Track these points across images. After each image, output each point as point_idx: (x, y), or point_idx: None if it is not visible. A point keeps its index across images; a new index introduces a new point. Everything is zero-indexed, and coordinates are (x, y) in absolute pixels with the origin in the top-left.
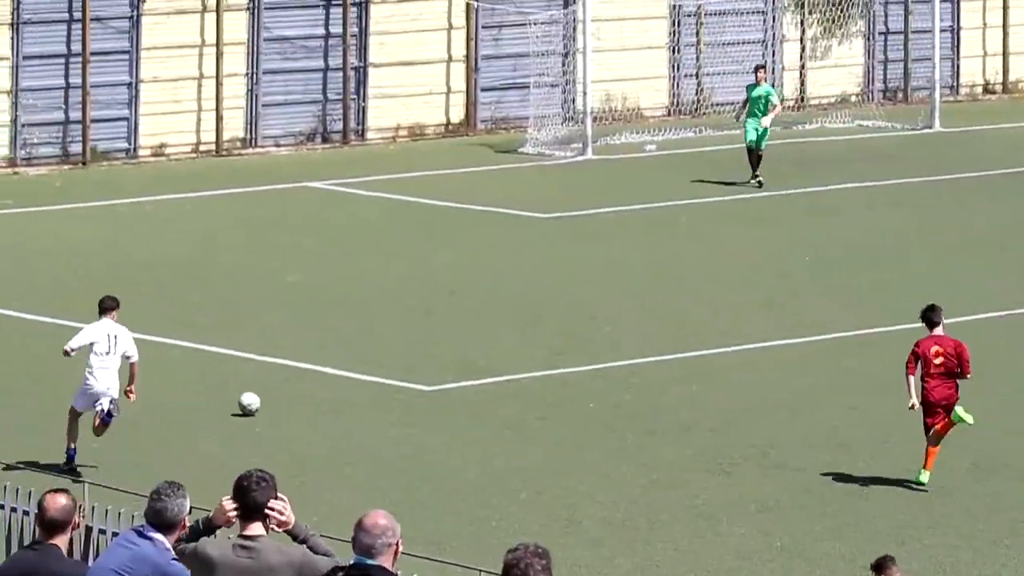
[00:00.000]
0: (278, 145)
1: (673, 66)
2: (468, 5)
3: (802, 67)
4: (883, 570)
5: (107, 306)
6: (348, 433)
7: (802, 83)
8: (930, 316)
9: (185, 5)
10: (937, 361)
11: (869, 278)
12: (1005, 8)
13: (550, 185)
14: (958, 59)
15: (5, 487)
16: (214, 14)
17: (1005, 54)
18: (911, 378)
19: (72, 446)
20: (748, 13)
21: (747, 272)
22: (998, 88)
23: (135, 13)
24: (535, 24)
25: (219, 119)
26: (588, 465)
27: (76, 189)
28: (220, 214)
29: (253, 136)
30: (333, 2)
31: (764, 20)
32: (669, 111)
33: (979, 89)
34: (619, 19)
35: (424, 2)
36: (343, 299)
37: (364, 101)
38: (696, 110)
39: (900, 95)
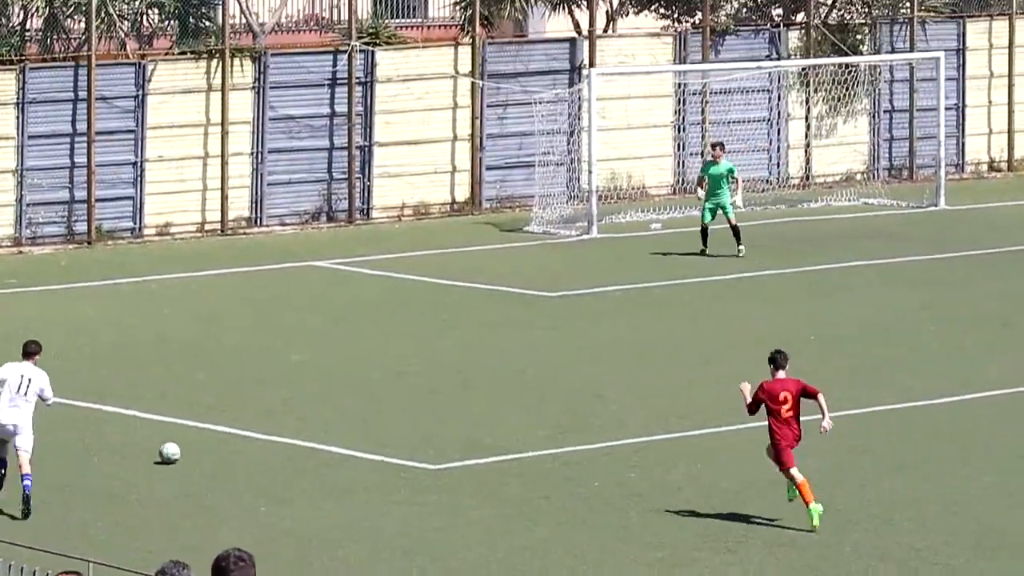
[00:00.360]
0: (283, 224)
1: (678, 145)
2: (473, 84)
3: (807, 145)
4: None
5: (30, 351)
6: (353, 512)
7: (807, 161)
8: (776, 359)
9: (190, 84)
10: (786, 405)
11: (876, 356)
12: (1010, 86)
13: (555, 264)
14: (963, 137)
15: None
16: (219, 93)
17: (1010, 132)
18: (749, 411)
19: None
20: (753, 91)
21: (753, 350)
22: (1003, 166)
23: (140, 92)
24: (540, 103)
25: (224, 198)
26: (593, 544)
27: (81, 268)
28: (225, 293)
29: (258, 215)
30: (338, 81)
31: (769, 98)
32: (674, 189)
33: (984, 167)
34: (624, 98)
35: (429, 81)
36: (348, 378)
37: (369, 180)
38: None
39: (905, 173)
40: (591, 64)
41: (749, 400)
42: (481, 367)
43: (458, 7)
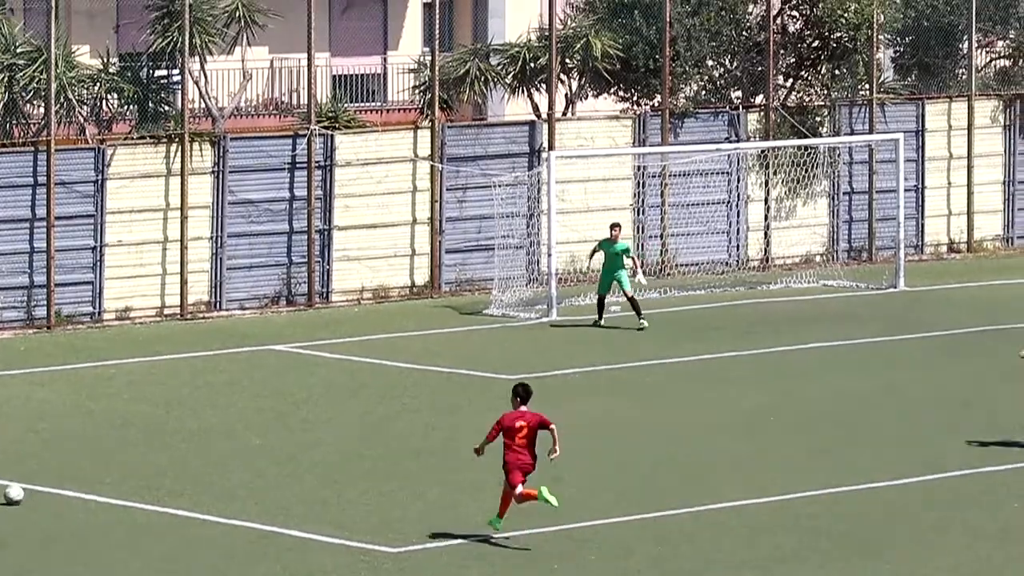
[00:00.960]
0: (243, 308)
1: (638, 227)
2: (432, 167)
3: (767, 227)
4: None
5: None
6: None
7: (767, 243)
8: (520, 391)
9: (150, 169)
10: (521, 433)
11: (836, 437)
12: (969, 168)
13: (515, 346)
14: (923, 218)
15: None
16: (179, 178)
17: (970, 213)
18: (487, 440)
19: None
20: (712, 174)
21: (714, 432)
22: (963, 247)
23: (100, 177)
24: (499, 186)
25: (184, 282)
26: None
27: (41, 353)
28: (185, 377)
29: (218, 299)
30: (298, 165)
31: (728, 180)
32: (634, 272)
33: (944, 248)
34: (583, 180)
35: (388, 165)
36: (308, 461)
37: (329, 264)
38: (661, 271)
39: (865, 254)
40: (550, 147)
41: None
42: (441, 450)
43: (417, 91)
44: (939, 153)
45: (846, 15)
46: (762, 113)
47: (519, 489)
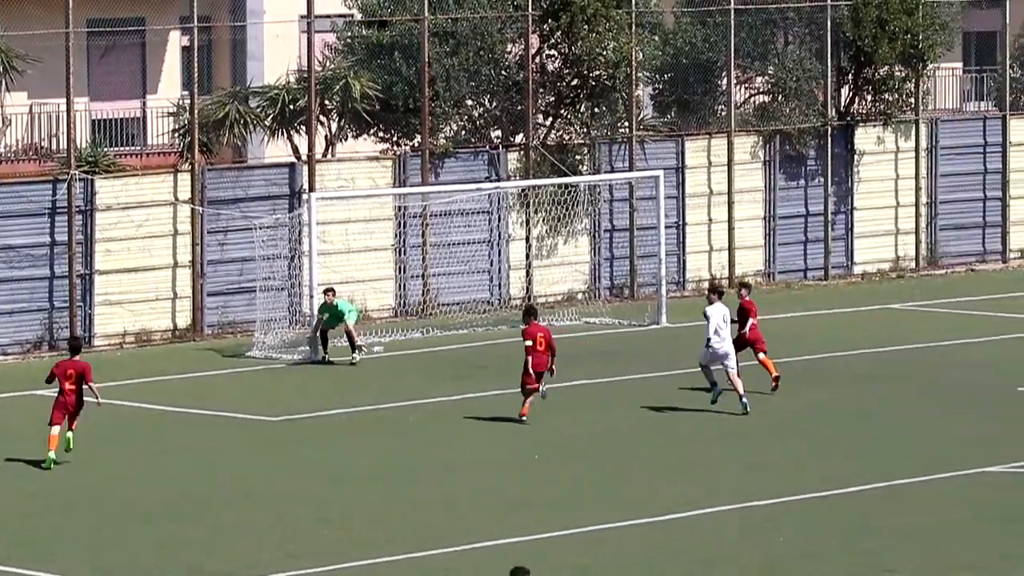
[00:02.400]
0: (4, 354)
1: (399, 267)
2: (193, 210)
3: (528, 266)
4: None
5: None
6: None
7: (528, 282)
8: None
9: None
10: (69, 383)
11: (601, 474)
12: (730, 204)
13: (278, 388)
14: (684, 254)
15: None
16: None
17: (731, 249)
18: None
19: None
20: (473, 213)
21: (479, 470)
22: (724, 283)
23: None
24: (260, 228)
25: None
26: None
27: None
28: None
29: None
30: (58, 210)
31: (489, 220)
32: (396, 312)
33: (706, 284)
34: (344, 221)
35: (149, 208)
36: (75, 506)
37: (91, 308)
38: (423, 311)
39: (627, 292)
40: (311, 188)
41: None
42: (206, 493)
43: (176, 134)
44: (699, 189)
45: (605, 53)
46: (522, 152)
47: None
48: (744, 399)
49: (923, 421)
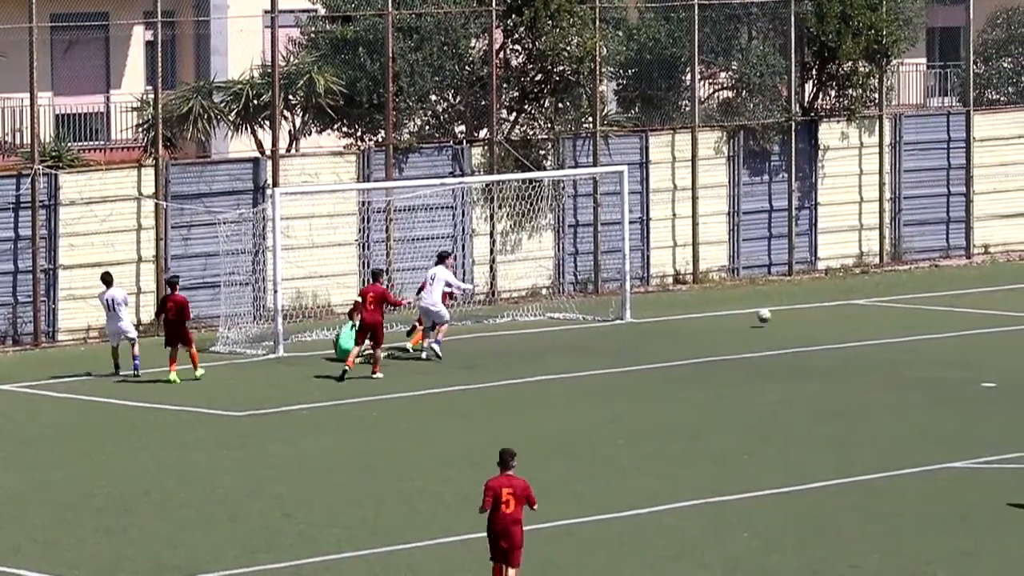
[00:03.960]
0: None
1: (363, 263)
2: (157, 205)
3: (492, 261)
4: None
5: None
6: None
7: (492, 277)
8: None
9: None
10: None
11: (566, 469)
12: (694, 198)
13: (242, 383)
14: (648, 250)
15: None
16: None
17: (695, 244)
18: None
19: None
20: (437, 208)
21: (442, 465)
22: (688, 278)
23: None
24: (224, 223)
25: None
26: None
27: None
28: None
29: None
30: (22, 205)
31: (453, 215)
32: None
33: (670, 280)
34: (308, 216)
35: (113, 203)
36: (39, 501)
37: (55, 303)
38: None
39: (591, 287)
40: (275, 183)
41: None
42: (170, 488)
43: (141, 129)
44: (664, 185)
45: (568, 48)
46: (486, 147)
47: None
48: None
49: (886, 416)
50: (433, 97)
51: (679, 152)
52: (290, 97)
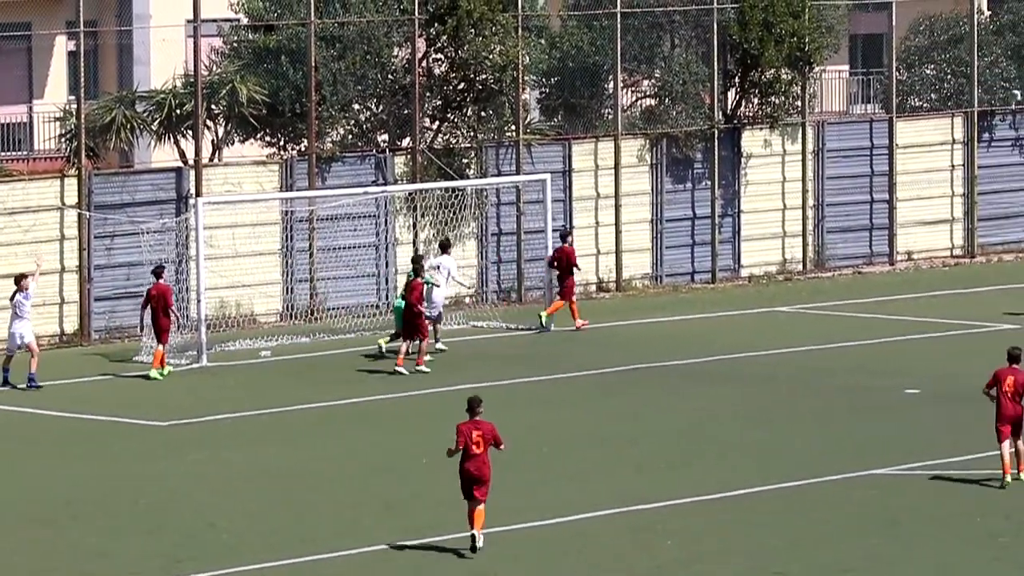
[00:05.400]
0: None
1: (286, 272)
2: (80, 215)
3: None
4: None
5: None
6: None
7: None
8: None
9: None
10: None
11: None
12: (617, 207)
13: (167, 393)
14: None
15: None
16: None
17: (618, 252)
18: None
19: None
20: (360, 217)
21: (366, 474)
22: (612, 286)
23: None
24: (148, 233)
25: None
26: None
27: None
28: None
29: None
30: None
31: (376, 224)
32: (282, 316)
33: (593, 287)
34: (231, 226)
35: (36, 213)
36: None
37: None
38: (310, 315)
39: (514, 295)
40: (198, 193)
41: None
42: (93, 498)
43: (63, 139)
44: (587, 193)
45: (491, 57)
46: (409, 156)
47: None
48: None
49: (811, 423)
50: (356, 106)
51: (602, 160)
52: (213, 106)
